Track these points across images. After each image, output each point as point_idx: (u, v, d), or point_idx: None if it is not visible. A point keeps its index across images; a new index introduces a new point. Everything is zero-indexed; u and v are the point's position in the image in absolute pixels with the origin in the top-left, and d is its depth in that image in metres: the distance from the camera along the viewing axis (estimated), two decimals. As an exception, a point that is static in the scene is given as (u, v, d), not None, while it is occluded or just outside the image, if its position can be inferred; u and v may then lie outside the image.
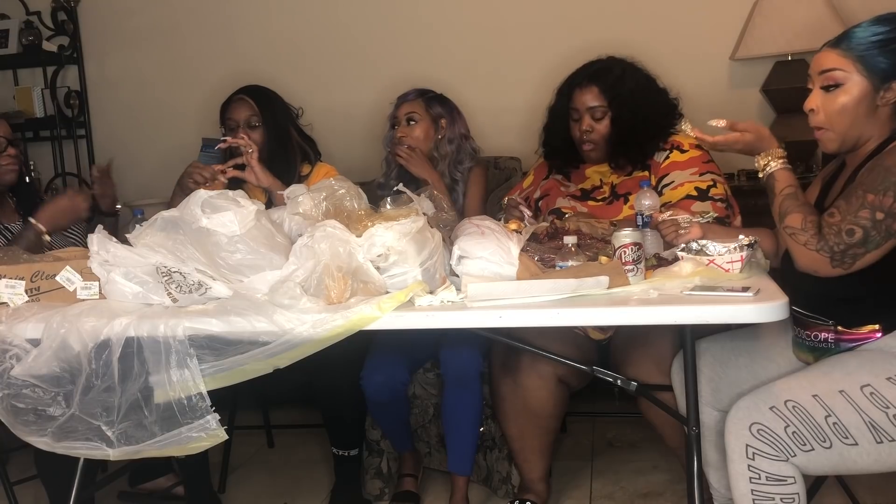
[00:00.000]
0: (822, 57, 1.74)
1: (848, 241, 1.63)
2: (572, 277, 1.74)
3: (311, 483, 2.82)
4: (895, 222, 1.62)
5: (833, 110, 1.72)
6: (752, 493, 1.64)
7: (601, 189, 2.46)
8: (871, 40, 1.69)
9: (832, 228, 1.64)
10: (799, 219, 1.69)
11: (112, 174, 2.64)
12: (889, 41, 1.69)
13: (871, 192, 1.62)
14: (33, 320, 1.81)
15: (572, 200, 2.48)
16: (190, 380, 1.70)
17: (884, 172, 1.63)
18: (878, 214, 1.61)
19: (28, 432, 1.79)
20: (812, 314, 1.79)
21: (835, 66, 1.71)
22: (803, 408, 1.62)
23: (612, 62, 2.45)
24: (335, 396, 2.43)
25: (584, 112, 2.40)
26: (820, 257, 1.65)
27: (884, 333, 1.71)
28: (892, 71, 1.69)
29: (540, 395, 2.29)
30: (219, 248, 1.85)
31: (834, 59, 1.71)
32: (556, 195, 2.53)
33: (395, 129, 2.69)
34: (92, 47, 3.88)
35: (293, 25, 3.69)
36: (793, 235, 1.69)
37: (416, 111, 2.68)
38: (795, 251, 1.71)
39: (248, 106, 2.68)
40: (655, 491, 2.59)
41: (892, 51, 1.68)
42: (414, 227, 1.81)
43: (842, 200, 1.67)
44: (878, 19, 1.72)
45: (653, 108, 2.41)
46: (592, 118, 2.39)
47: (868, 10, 3.15)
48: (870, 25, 1.71)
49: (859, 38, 1.70)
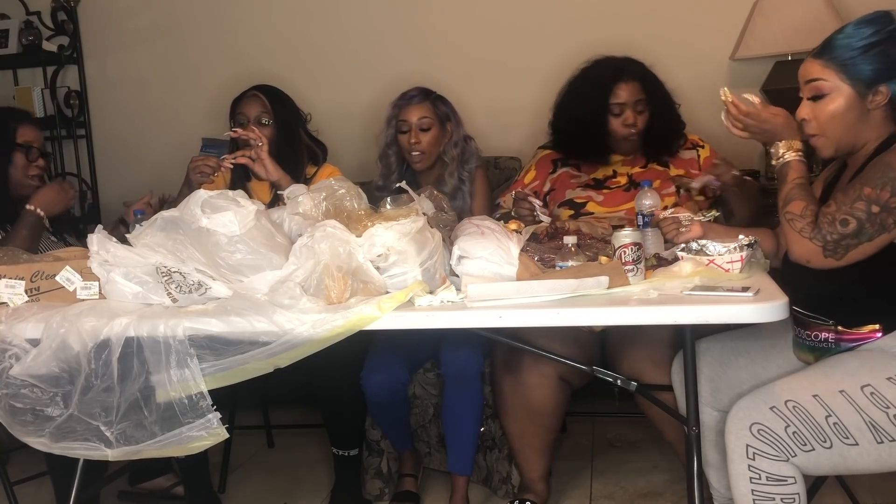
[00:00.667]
0: (805, 67, 1.76)
1: (842, 231, 1.63)
2: (572, 277, 1.74)
3: (311, 483, 2.82)
4: (889, 216, 1.62)
5: (823, 119, 1.74)
6: (753, 494, 1.64)
7: (615, 178, 2.54)
8: (853, 47, 1.69)
9: (827, 217, 1.65)
10: (800, 206, 1.70)
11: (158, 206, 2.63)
12: (870, 46, 1.69)
13: (868, 186, 1.63)
14: (33, 320, 1.81)
15: (585, 190, 2.53)
16: (190, 379, 1.70)
17: (883, 168, 1.64)
18: (874, 208, 1.62)
19: (26, 433, 1.79)
20: (812, 314, 1.79)
21: (818, 77, 1.73)
22: (804, 408, 1.62)
23: (632, 60, 2.57)
24: (335, 396, 2.43)
25: (629, 106, 2.50)
26: (813, 246, 1.66)
27: (884, 333, 1.71)
28: (876, 75, 1.69)
29: (541, 392, 2.30)
30: (219, 248, 1.85)
31: (817, 70, 1.73)
32: (565, 187, 2.57)
33: (407, 134, 2.66)
34: (92, 47, 3.87)
35: (293, 25, 3.69)
36: (791, 221, 1.70)
37: (426, 115, 2.65)
38: (790, 237, 1.71)
39: (260, 102, 2.68)
40: (655, 491, 2.58)
41: (874, 55, 1.69)
42: (414, 227, 1.81)
43: (840, 193, 1.68)
44: (860, 22, 1.72)
45: (674, 103, 2.60)
46: (635, 111, 2.50)
47: (867, 10, 3.17)
48: (852, 30, 1.71)
49: (841, 47, 1.71)
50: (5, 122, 2.63)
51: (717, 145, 2.67)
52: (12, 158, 2.58)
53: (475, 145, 2.75)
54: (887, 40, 1.69)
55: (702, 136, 2.67)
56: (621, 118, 2.50)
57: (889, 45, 1.69)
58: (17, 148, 2.58)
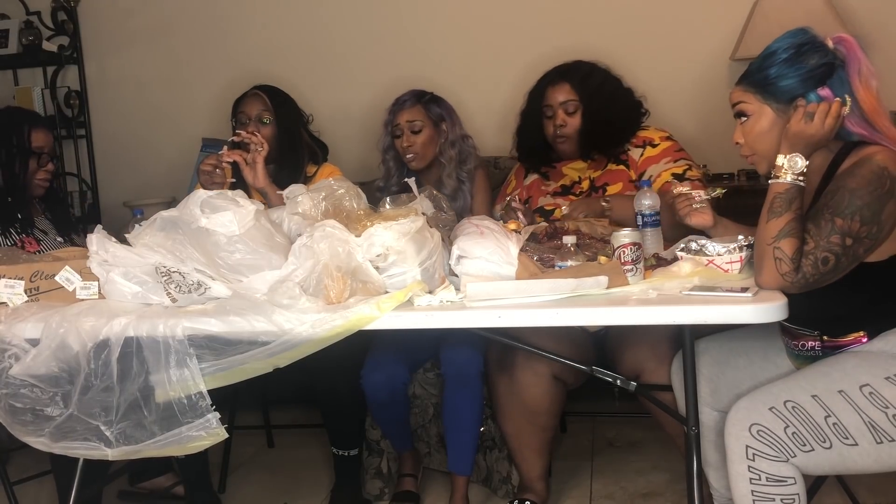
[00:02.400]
0: (731, 94, 1.84)
1: (822, 270, 1.64)
2: (571, 277, 1.74)
3: (311, 483, 2.82)
4: (861, 246, 1.64)
5: (751, 139, 1.80)
6: (753, 494, 1.63)
7: (580, 184, 2.54)
8: (765, 67, 1.75)
9: (809, 259, 1.65)
10: (793, 248, 1.65)
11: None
12: (783, 63, 1.73)
13: (839, 217, 1.63)
14: (32, 320, 1.81)
15: (554, 197, 2.53)
16: (190, 379, 1.70)
17: (849, 195, 1.63)
18: (847, 240, 1.63)
19: (25, 432, 1.79)
20: (796, 326, 1.81)
21: (740, 100, 1.80)
22: (803, 408, 1.62)
23: (580, 62, 2.59)
24: (335, 396, 2.43)
25: (557, 107, 2.51)
26: (787, 284, 1.66)
27: (870, 338, 1.72)
28: (791, 90, 1.72)
29: (536, 391, 2.29)
30: (218, 248, 1.85)
31: (738, 94, 1.81)
32: (537, 195, 2.59)
33: (400, 139, 2.66)
34: (92, 47, 3.88)
35: (291, 26, 3.69)
36: (778, 260, 1.66)
37: (417, 118, 2.66)
38: (767, 270, 1.67)
39: (261, 101, 2.68)
40: (655, 491, 2.58)
41: (786, 73, 1.72)
42: (413, 227, 1.81)
43: (811, 224, 1.67)
44: (775, 41, 1.76)
45: (621, 102, 2.55)
46: (565, 113, 2.51)
47: (867, 10, 3.18)
48: (766, 51, 1.77)
49: (756, 69, 1.78)
50: (19, 125, 2.59)
51: (715, 144, 2.66)
52: (28, 164, 2.56)
53: (473, 144, 2.75)
54: (797, 56, 1.72)
55: (702, 134, 2.65)
56: (553, 120, 2.52)
57: (800, 60, 1.72)
58: (32, 154, 2.57)
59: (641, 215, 2.07)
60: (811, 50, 1.72)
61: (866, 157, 1.67)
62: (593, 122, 2.49)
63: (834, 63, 1.71)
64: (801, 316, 1.76)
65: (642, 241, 1.87)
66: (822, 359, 1.76)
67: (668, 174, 2.41)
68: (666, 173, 2.42)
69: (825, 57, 1.72)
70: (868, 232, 1.63)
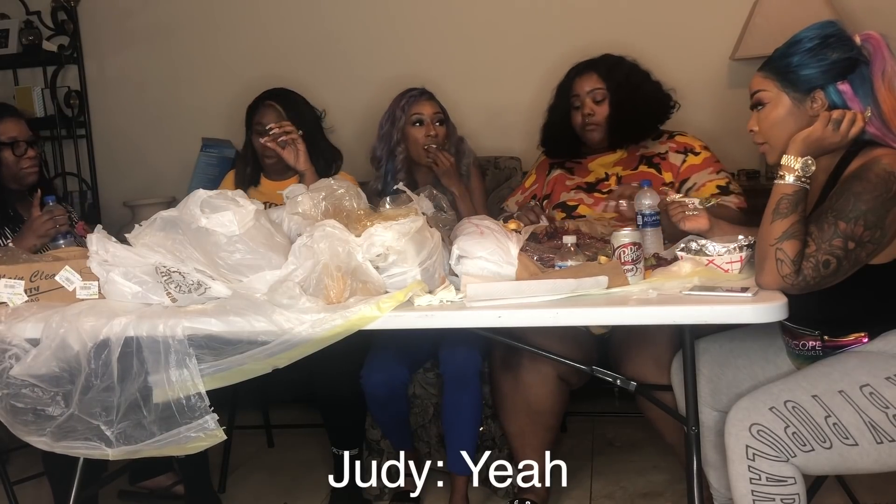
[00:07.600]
0: (751, 81, 1.84)
1: (823, 273, 1.64)
2: (571, 277, 1.74)
3: (311, 483, 2.82)
4: (863, 251, 1.64)
5: (766, 127, 1.80)
6: (753, 494, 1.63)
7: (606, 182, 2.52)
8: (788, 56, 1.75)
9: (810, 261, 1.64)
10: (795, 249, 1.65)
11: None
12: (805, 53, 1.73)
13: (842, 220, 1.63)
14: (32, 320, 1.81)
15: (578, 192, 2.52)
16: (189, 379, 1.70)
17: (854, 199, 1.63)
18: (850, 244, 1.63)
19: (27, 432, 1.79)
20: (797, 325, 1.81)
21: (759, 88, 1.80)
22: (803, 408, 1.62)
23: (608, 55, 2.60)
24: (335, 396, 2.43)
25: (585, 96, 2.52)
26: (788, 286, 1.66)
27: (871, 338, 1.73)
28: (811, 82, 1.72)
29: (541, 391, 2.30)
30: (218, 248, 1.85)
31: (758, 82, 1.81)
32: (560, 190, 2.57)
33: (424, 127, 2.63)
34: (92, 47, 3.88)
35: (292, 26, 3.69)
36: (780, 261, 1.65)
37: (439, 111, 2.67)
38: (768, 271, 1.67)
39: (275, 113, 2.67)
40: (655, 491, 2.58)
41: (809, 63, 1.72)
42: (413, 227, 1.81)
43: (814, 227, 1.66)
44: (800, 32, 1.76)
45: (648, 92, 2.55)
46: (593, 101, 2.52)
47: (867, 9, 3.18)
48: (791, 40, 1.77)
49: (778, 57, 1.78)
50: None
51: (715, 144, 2.66)
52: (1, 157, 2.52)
53: (465, 141, 2.77)
54: (821, 47, 1.72)
55: (702, 134, 2.65)
56: (581, 110, 2.53)
57: (823, 52, 1.72)
58: (4, 147, 2.53)
59: (641, 215, 2.07)
60: (837, 43, 1.72)
61: (873, 160, 1.67)
62: (620, 110, 2.50)
63: (858, 59, 1.71)
64: (802, 316, 1.76)
65: (642, 241, 1.87)
66: (822, 359, 1.76)
67: (714, 186, 2.41)
68: (711, 184, 2.42)
69: (850, 52, 1.71)
70: (871, 237, 1.63)
